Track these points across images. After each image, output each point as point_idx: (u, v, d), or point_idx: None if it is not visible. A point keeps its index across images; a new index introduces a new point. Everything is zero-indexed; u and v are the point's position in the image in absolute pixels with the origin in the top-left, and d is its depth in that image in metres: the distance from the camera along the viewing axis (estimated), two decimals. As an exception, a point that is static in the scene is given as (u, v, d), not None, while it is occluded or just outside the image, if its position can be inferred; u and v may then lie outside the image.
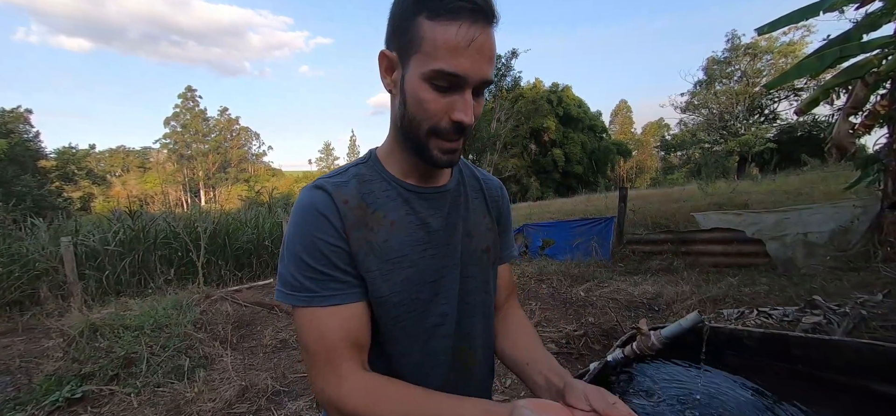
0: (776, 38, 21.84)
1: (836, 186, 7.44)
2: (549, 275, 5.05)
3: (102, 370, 2.89)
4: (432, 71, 0.53)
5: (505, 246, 0.82)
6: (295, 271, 0.60)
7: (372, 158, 0.68)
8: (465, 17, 0.52)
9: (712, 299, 3.68)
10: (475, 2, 0.53)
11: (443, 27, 0.52)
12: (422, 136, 0.58)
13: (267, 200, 14.98)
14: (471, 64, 0.53)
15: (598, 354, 2.89)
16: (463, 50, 0.52)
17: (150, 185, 45.68)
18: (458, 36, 0.52)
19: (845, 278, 3.61)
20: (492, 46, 0.55)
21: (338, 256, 0.60)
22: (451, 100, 0.55)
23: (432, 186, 0.68)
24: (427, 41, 0.53)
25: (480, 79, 0.55)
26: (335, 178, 0.64)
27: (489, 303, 0.76)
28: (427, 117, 0.56)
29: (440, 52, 0.53)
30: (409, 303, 0.64)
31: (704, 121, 26.38)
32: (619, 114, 54.99)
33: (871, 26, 3.12)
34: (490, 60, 0.55)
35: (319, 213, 0.60)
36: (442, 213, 0.68)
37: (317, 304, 0.59)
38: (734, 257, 5.02)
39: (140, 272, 5.68)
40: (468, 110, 0.55)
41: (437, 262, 0.66)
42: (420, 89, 0.55)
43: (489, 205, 0.77)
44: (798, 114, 4.37)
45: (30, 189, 22.16)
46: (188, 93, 47.78)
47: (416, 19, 0.54)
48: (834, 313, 2.71)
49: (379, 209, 0.63)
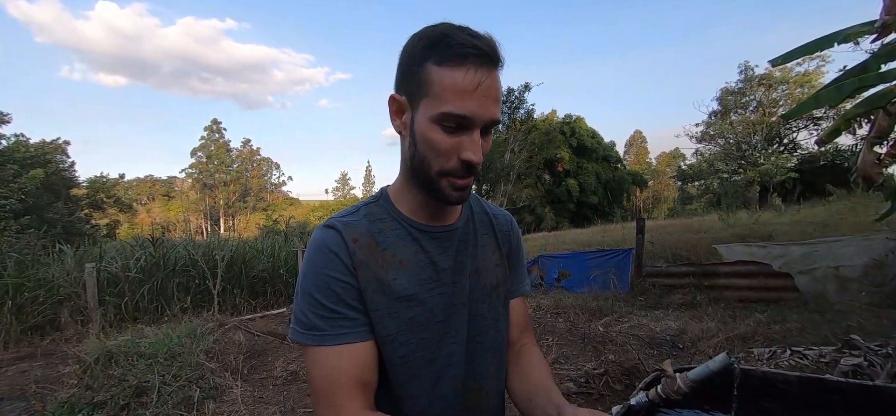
0: (791, 69, 21.66)
1: (865, 217, 7.12)
2: (566, 308, 4.90)
3: (114, 399, 2.89)
4: (441, 113, 0.55)
5: (517, 280, 0.80)
6: (306, 308, 0.60)
7: (383, 197, 0.69)
8: (471, 62, 0.54)
9: (740, 336, 3.49)
10: (480, 47, 0.55)
11: (450, 72, 0.55)
12: (432, 175, 0.59)
13: (284, 228, 15.24)
14: (478, 106, 0.55)
15: (619, 395, 2.74)
16: (470, 93, 0.54)
17: (173, 213, 47.21)
18: (465, 80, 0.54)
19: (885, 316, 3.39)
20: (498, 88, 0.57)
21: (347, 293, 0.60)
22: (459, 140, 0.57)
23: (441, 225, 0.68)
24: (435, 85, 0.55)
25: (488, 119, 0.57)
26: (346, 217, 0.66)
27: (501, 340, 0.74)
28: (437, 157, 0.58)
29: (448, 96, 0.55)
30: (417, 343, 0.63)
31: (722, 150, 25.98)
32: (634, 144, 54.81)
33: (889, 56, 3.06)
34: (496, 101, 0.57)
35: (330, 250, 0.61)
36: (451, 252, 0.68)
37: (327, 343, 0.59)
38: (761, 292, 4.80)
39: (158, 299, 5.78)
40: (476, 150, 0.57)
41: (446, 300, 0.66)
42: (430, 131, 0.57)
43: (499, 240, 0.76)
44: (819, 144, 4.26)
45: (61, 216, 23.16)
46: (214, 125, 50.06)
47: (424, 65, 0.56)
48: (875, 355, 2.52)
49: (388, 248, 0.64)
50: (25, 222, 17.89)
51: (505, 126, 26.26)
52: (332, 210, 50.68)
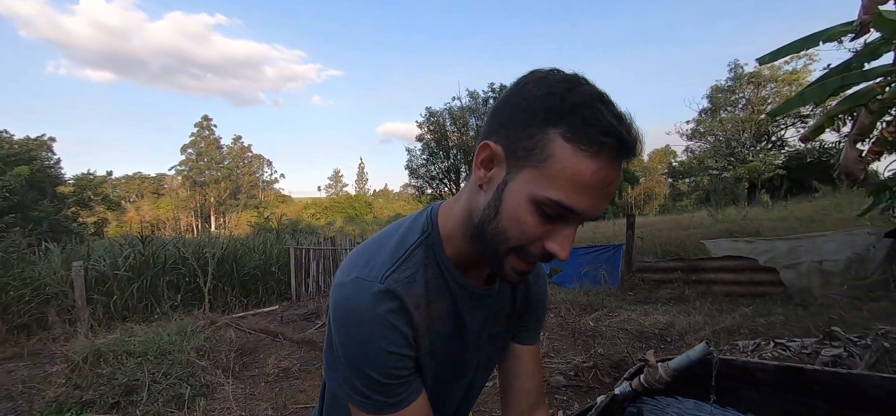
0: (779, 67, 22.01)
1: (849, 213, 7.30)
2: (557, 303, 4.95)
3: (103, 398, 2.86)
4: (548, 199, 0.45)
5: (529, 329, 0.73)
6: (359, 383, 0.53)
7: (434, 233, 0.58)
8: (608, 155, 0.44)
9: (726, 329, 3.57)
10: (623, 137, 0.44)
11: (579, 157, 0.44)
12: (502, 250, 0.50)
13: (276, 226, 15.14)
14: (593, 204, 0.45)
15: (607, 387, 2.79)
16: (594, 189, 0.44)
17: (162, 211, 46.53)
18: (595, 175, 0.44)
19: (865, 308, 3.49)
20: (619, 184, 0.48)
21: (407, 366, 0.54)
22: (551, 229, 0.48)
23: (479, 287, 0.61)
24: (555, 164, 0.44)
25: (595, 217, 0.48)
26: (403, 271, 0.54)
27: (484, 381, 0.73)
28: (518, 238, 0.48)
29: (565, 184, 0.44)
30: (433, 399, 0.61)
31: (711, 148, 26.33)
32: (626, 141, 55.13)
33: (871, 55, 3.15)
34: (611, 197, 0.48)
35: (392, 326, 0.51)
36: (480, 316, 0.63)
37: (387, 412, 0.54)
38: (747, 286, 4.89)
39: (147, 297, 5.71)
40: (568, 247, 0.48)
41: (462, 360, 0.64)
42: (523, 210, 0.47)
43: (517, 290, 0.70)
44: (803, 141, 4.35)
45: (47, 214, 22.71)
46: (204, 122, 49.37)
47: (546, 131, 0.45)
48: (855, 346, 2.60)
49: (433, 302, 0.57)
50: (10, 220, 17.49)
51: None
52: (324, 208, 50.30)
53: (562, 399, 2.72)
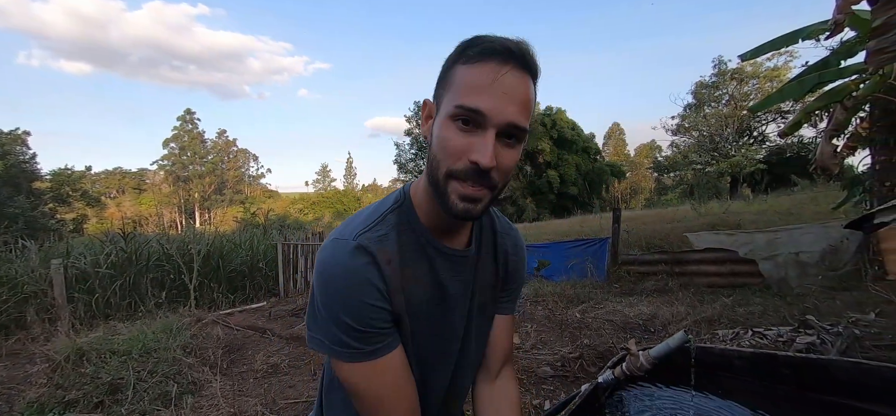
0: (761, 64, 22.54)
1: (825, 206, 7.55)
2: (545, 296, 5.02)
3: (87, 397, 2.81)
4: (454, 107, 0.53)
5: (507, 299, 0.78)
6: (338, 332, 0.58)
7: (406, 202, 0.64)
8: (494, 58, 0.52)
9: (707, 319, 3.67)
10: (507, 46, 0.52)
11: (471, 68, 0.53)
12: (441, 178, 0.55)
13: (263, 221, 14.91)
14: (492, 102, 0.51)
15: (593, 376, 2.85)
16: (486, 87, 0.51)
17: (144, 206, 45.39)
18: (486, 77, 0.52)
19: (838, 298, 3.63)
20: (523, 91, 0.53)
21: (382, 317, 0.59)
22: (471, 140, 0.53)
23: (455, 248, 0.65)
24: (456, 82, 0.54)
25: (504, 120, 0.52)
26: (375, 231, 0.60)
27: (479, 355, 0.77)
28: (445, 157, 0.54)
29: (464, 90, 0.53)
30: (414, 360, 0.64)
31: (696, 143, 26.87)
32: (613, 136, 55.92)
33: (847, 53, 3.26)
34: (519, 104, 0.53)
35: (364, 277, 0.57)
36: (461, 279, 0.67)
37: (363, 360, 0.59)
38: (728, 277, 5.04)
39: (131, 295, 5.59)
40: (485, 151, 0.52)
41: (447, 324, 0.66)
42: (443, 129, 0.55)
43: (499, 261, 0.74)
44: (782, 136, 4.50)
45: (23, 211, 21.93)
46: (187, 115, 48.18)
47: (454, 67, 0.55)
48: (827, 333, 2.71)
49: (409, 266, 0.61)
50: (-17, 218, 16.85)
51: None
52: (312, 203, 49.73)
53: (549, 389, 2.78)
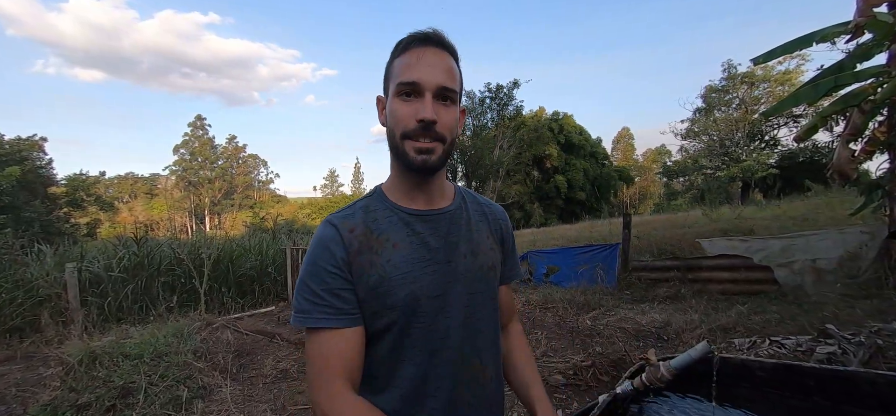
0: (772, 67, 22.22)
1: (841, 212, 7.37)
2: (555, 303, 4.97)
3: (99, 401, 2.83)
4: (396, 86, 0.68)
5: (509, 267, 0.88)
6: (299, 294, 0.68)
7: (377, 192, 0.77)
8: (416, 43, 0.69)
9: (722, 328, 3.60)
10: (425, 33, 0.69)
11: (402, 56, 0.69)
12: (398, 142, 0.69)
13: (271, 226, 15.03)
14: (422, 73, 0.66)
15: (606, 385, 2.81)
16: (415, 64, 0.67)
17: (156, 211, 46.08)
18: (411, 56, 0.68)
19: (858, 306, 3.53)
20: (445, 62, 0.69)
21: (336, 282, 0.67)
22: (415, 105, 0.67)
23: (431, 209, 0.75)
24: (395, 71, 0.70)
25: (435, 83, 0.66)
26: (344, 211, 0.74)
27: (497, 320, 0.81)
28: (397, 123, 0.68)
29: (400, 72, 0.68)
30: (414, 315, 0.68)
31: (705, 147, 26.51)
32: (621, 141, 55.50)
33: (863, 56, 3.19)
34: (444, 72, 0.68)
35: (325, 245, 0.69)
36: (441, 232, 0.74)
37: (313, 324, 0.66)
38: (742, 284, 4.93)
39: (142, 299, 5.66)
40: (427, 109, 0.66)
41: (440, 278, 0.71)
42: (393, 104, 0.69)
43: (491, 227, 0.83)
44: (797, 141, 4.40)
45: (39, 215, 22.40)
46: (197, 121, 48.93)
47: (391, 63, 0.72)
48: (849, 343, 2.63)
49: (382, 234, 0.71)
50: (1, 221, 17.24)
51: (494, 123, 26.32)
52: (320, 208, 50.07)
53: (560, 398, 2.74)
